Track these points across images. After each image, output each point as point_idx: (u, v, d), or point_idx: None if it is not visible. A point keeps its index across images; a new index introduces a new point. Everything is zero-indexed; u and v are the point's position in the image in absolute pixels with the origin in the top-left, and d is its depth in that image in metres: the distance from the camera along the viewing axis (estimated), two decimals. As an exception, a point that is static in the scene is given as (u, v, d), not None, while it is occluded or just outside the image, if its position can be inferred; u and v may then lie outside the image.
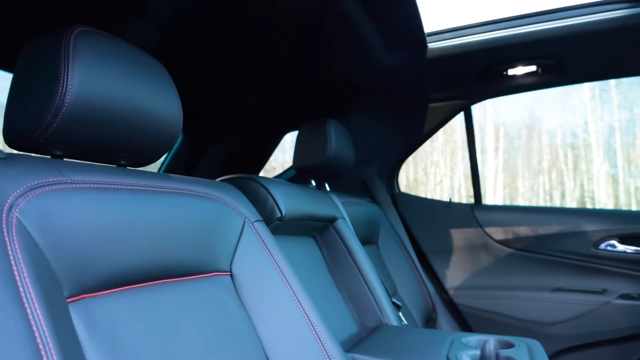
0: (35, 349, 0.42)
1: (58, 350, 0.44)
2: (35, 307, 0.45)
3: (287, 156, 2.77)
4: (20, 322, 0.43)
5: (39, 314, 0.45)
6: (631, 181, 10.32)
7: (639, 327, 1.63)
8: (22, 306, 0.44)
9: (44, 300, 0.46)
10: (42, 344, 0.43)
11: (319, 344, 0.87)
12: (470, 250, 1.90)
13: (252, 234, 0.90)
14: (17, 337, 0.41)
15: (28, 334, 0.42)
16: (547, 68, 1.59)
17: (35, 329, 0.43)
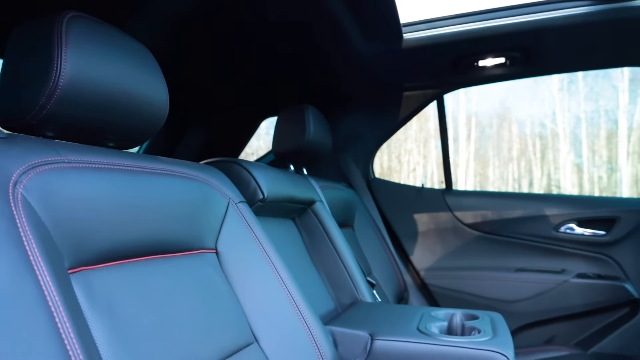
0: (49, 312, 0.46)
1: (67, 314, 0.49)
2: (45, 275, 0.49)
3: (262, 142, 2.80)
4: (35, 288, 0.47)
5: (49, 280, 0.49)
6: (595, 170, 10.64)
7: (592, 303, 1.76)
8: (34, 273, 0.48)
9: (51, 269, 0.50)
10: (54, 307, 0.47)
11: (300, 317, 0.93)
12: (441, 233, 1.99)
13: (236, 214, 0.95)
14: (33, 301, 0.46)
15: (42, 299, 0.47)
16: (515, 60, 1.67)
17: (47, 294, 0.47)
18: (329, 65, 1.68)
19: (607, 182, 9.84)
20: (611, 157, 10.01)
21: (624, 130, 9.24)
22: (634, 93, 8.38)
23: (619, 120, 9.79)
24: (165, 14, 1.24)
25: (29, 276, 0.47)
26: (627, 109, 9.24)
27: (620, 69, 4.48)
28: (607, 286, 1.75)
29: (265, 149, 2.29)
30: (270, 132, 2.59)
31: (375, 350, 0.95)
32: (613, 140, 9.92)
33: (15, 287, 0.45)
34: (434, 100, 1.99)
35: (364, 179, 2.09)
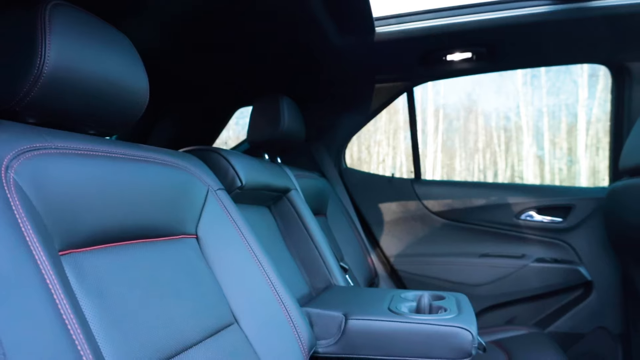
0: (47, 290, 0.49)
1: (64, 293, 0.51)
2: (41, 255, 0.51)
3: (231, 132, 2.81)
4: (32, 267, 0.49)
5: (45, 260, 0.51)
6: (555, 162, 11.06)
7: (549, 286, 1.88)
8: (31, 253, 0.50)
9: (46, 250, 0.53)
10: (52, 285, 0.50)
11: (278, 299, 0.97)
12: (410, 221, 2.07)
13: (215, 201, 0.98)
14: (32, 279, 0.48)
15: (40, 277, 0.49)
16: (480, 55, 1.75)
17: (45, 273, 0.50)
18: (303, 57, 1.71)
19: (567, 174, 10.27)
20: (571, 150, 10.45)
21: (583, 124, 9.66)
22: (593, 88, 8.75)
23: (578, 114, 10.21)
24: (141, 4, 1.24)
25: (26, 256, 0.49)
26: (586, 104, 9.65)
27: (580, 65, 4.69)
28: (563, 269, 1.87)
29: (235, 139, 2.31)
30: (240, 122, 2.61)
31: (349, 329, 1.00)
32: (573, 134, 10.35)
33: (15, 265, 0.47)
34: (404, 93, 2.05)
35: (336, 169, 2.14)
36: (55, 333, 0.47)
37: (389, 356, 0.97)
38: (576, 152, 10.24)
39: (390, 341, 0.97)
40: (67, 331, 0.48)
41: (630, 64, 1.72)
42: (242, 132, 3.11)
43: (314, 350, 1.00)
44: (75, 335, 0.49)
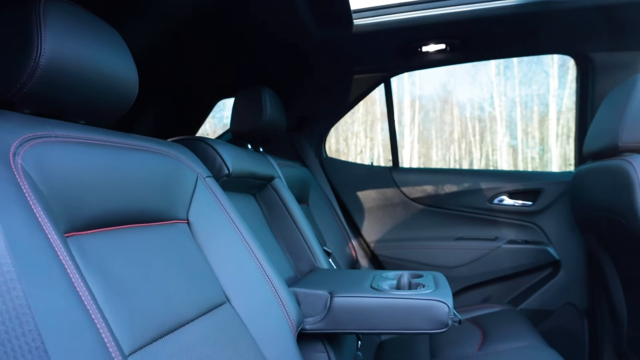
0: (62, 266, 0.53)
1: (75, 269, 0.55)
2: (53, 234, 0.55)
3: (207, 126, 2.83)
4: (47, 244, 0.53)
5: (57, 238, 0.55)
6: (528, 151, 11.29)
7: (521, 266, 1.98)
8: (45, 233, 0.54)
9: (56, 230, 0.57)
10: (64, 262, 0.54)
11: (267, 280, 1.02)
12: (389, 208, 2.14)
13: (204, 188, 1.02)
14: (48, 255, 0.52)
15: (54, 254, 0.53)
16: (454, 46, 1.82)
17: (57, 251, 0.54)
18: (283, 49, 1.75)
19: (539, 163, 10.57)
20: (543, 139, 10.74)
21: (554, 114, 9.94)
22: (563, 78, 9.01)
23: (549, 104, 10.50)
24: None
25: (41, 235, 0.53)
26: (556, 94, 9.93)
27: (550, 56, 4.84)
28: (533, 250, 1.97)
29: (211, 132, 2.34)
30: (216, 115, 2.63)
31: (335, 306, 1.06)
32: (544, 123, 10.64)
33: (33, 243, 0.51)
34: (382, 83, 2.11)
35: (317, 158, 2.19)
36: (72, 304, 0.51)
37: (372, 330, 1.04)
38: (548, 141, 10.53)
39: (373, 316, 1.04)
40: (82, 302, 0.53)
41: (593, 55, 1.82)
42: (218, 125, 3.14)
43: (301, 327, 1.05)
44: (90, 306, 0.53)
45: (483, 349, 1.41)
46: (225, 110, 2.40)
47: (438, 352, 1.47)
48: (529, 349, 1.33)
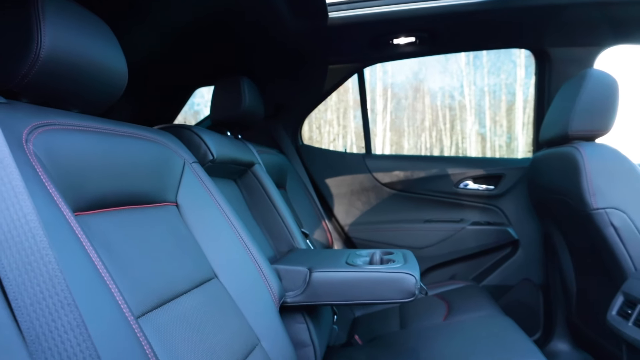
0: (78, 240, 0.60)
1: (89, 243, 0.63)
2: (68, 212, 0.62)
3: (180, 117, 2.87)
4: (65, 221, 0.60)
5: (71, 216, 0.62)
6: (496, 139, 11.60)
7: (483, 245, 2.13)
8: (61, 211, 0.61)
9: (69, 209, 0.64)
10: (80, 236, 0.61)
11: (251, 257, 1.11)
12: (362, 192, 2.25)
13: (191, 173, 1.09)
14: (67, 230, 0.59)
15: (72, 231, 0.60)
16: (423, 39, 1.92)
17: (74, 227, 0.61)
18: (261, 40, 1.81)
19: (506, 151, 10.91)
20: (510, 127, 11.08)
21: (520, 103, 10.27)
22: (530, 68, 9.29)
23: (516, 93, 10.82)
24: None
25: (59, 212, 0.60)
26: (523, 83, 10.25)
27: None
28: (494, 231, 2.12)
29: (181, 118, 2.39)
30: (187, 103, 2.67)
31: (313, 280, 1.16)
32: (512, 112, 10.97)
33: (53, 219, 0.58)
34: (355, 74, 2.20)
35: (293, 145, 2.27)
36: (92, 271, 0.59)
37: (348, 301, 1.14)
38: (514, 129, 10.88)
39: (348, 288, 1.14)
40: (98, 271, 0.60)
41: (550, 49, 1.96)
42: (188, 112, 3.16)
43: (283, 300, 1.15)
44: (104, 275, 0.61)
45: (448, 320, 1.54)
46: (196, 97, 2.44)
47: (407, 324, 1.60)
48: (487, 317, 1.47)
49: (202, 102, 2.94)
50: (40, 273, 0.49)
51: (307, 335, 1.20)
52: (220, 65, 2.03)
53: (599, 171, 1.37)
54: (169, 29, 1.64)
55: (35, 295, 0.48)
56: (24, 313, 0.47)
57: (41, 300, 0.48)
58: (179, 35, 1.70)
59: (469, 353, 1.21)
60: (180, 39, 1.74)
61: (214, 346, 0.84)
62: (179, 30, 1.66)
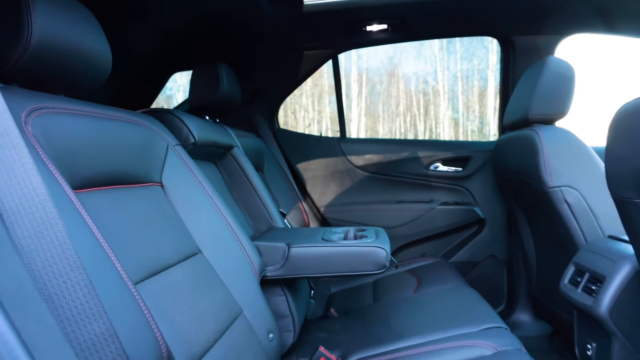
0: (80, 214, 0.66)
1: (88, 217, 0.68)
2: (68, 190, 0.68)
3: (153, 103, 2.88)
4: (68, 198, 0.66)
5: (72, 193, 0.68)
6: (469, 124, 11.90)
7: (452, 224, 2.25)
8: (63, 189, 0.66)
9: (69, 187, 0.69)
10: (82, 212, 0.67)
11: (233, 234, 1.18)
12: (337, 175, 2.34)
13: (174, 155, 1.14)
14: (71, 206, 0.65)
15: (75, 207, 0.66)
16: (395, 27, 2.00)
17: (75, 203, 0.67)
18: (237, 25, 1.85)
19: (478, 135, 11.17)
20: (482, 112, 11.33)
21: (492, 88, 10.50)
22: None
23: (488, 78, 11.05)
24: None
25: (61, 190, 0.66)
26: (495, 69, 10.48)
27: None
28: (462, 210, 2.24)
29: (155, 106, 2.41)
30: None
31: (292, 255, 1.24)
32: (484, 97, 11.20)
33: (57, 195, 0.64)
34: (330, 60, 2.27)
35: (269, 129, 2.33)
36: (95, 241, 0.65)
37: (324, 273, 1.23)
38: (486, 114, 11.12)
39: (325, 262, 1.22)
40: (100, 242, 0.66)
41: (515, 37, 2.06)
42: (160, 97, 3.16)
43: (263, 274, 1.22)
44: (105, 246, 0.67)
45: (417, 292, 1.65)
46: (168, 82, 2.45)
47: (380, 297, 1.70)
48: (454, 289, 1.59)
49: (175, 86, 2.95)
50: (50, 240, 0.55)
51: (287, 307, 1.28)
52: (196, 50, 2.06)
53: (555, 152, 1.48)
54: (149, 17, 1.66)
55: (47, 260, 0.54)
56: (37, 275, 0.53)
57: (52, 264, 0.54)
58: (157, 22, 1.72)
59: (437, 321, 1.31)
60: (158, 25, 1.76)
61: (202, 313, 0.91)
62: (158, 18, 1.69)
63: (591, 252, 1.32)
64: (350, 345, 1.24)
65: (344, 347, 1.24)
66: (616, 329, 1.16)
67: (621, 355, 1.17)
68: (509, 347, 1.08)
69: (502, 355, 1.04)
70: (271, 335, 1.12)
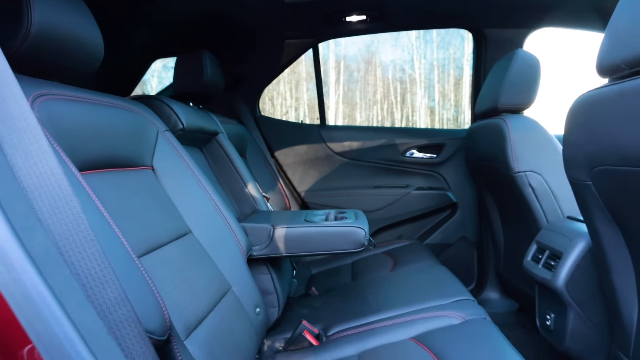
0: (89, 194, 0.72)
1: (93, 196, 0.74)
2: (75, 171, 0.73)
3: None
4: (76, 179, 0.71)
5: (79, 174, 0.73)
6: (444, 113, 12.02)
7: (427, 208, 2.36)
8: (71, 170, 0.72)
9: (75, 167, 0.75)
10: (89, 191, 0.73)
11: (221, 215, 1.24)
12: (317, 161, 2.41)
13: (164, 140, 1.20)
14: (81, 187, 0.71)
15: (83, 187, 0.72)
16: (373, 17, 2.07)
17: (83, 183, 0.72)
18: (220, 14, 1.89)
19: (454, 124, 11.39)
20: (458, 101, 11.53)
21: (468, 77, 10.69)
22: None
23: (464, 67, 11.23)
24: None
25: (69, 171, 0.71)
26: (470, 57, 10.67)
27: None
28: (436, 195, 2.36)
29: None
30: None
31: (276, 235, 1.32)
32: (459, 86, 11.40)
33: (68, 176, 0.69)
34: (311, 49, 2.32)
35: (251, 116, 2.38)
36: (102, 218, 0.71)
37: (307, 252, 1.31)
38: (462, 102, 11.33)
39: (307, 241, 1.31)
40: (106, 219, 0.72)
41: (487, 30, 2.16)
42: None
43: (249, 253, 1.30)
44: (110, 222, 0.73)
45: (393, 271, 1.76)
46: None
47: (358, 277, 1.80)
48: (427, 267, 1.69)
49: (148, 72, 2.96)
50: (67, 215, 0.61)
51: (271, 284, 1.36)
52: (178, 37, 2.09)
53: (521, 140, 1.59)
54: (132, 6, 1.69)
55: (64, 233, 0.60)
56: (58, 245, 0.59)
57: (69, 236, 0.60)
58: (140, 12, 1.75)
59: (411, 296, 1.41)
60: (141, 15, 1.78)
61: (195, 288, 0.98)
62: (142, 8, 1.71)
63: (551, 231, 1.44)
64: (331, 320, 1.33)
65: (325, 321, 1.33)
66: (571, 300, 1.29)
67: (575, 323, 1.30)
68: (476, 317, 1.19)
69: (469, 324, 1.15)
70: (258, 309, 1.20)
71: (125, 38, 1.99)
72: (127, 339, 0.61)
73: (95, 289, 0.59)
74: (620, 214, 0.98)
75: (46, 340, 0.46)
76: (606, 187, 0.97)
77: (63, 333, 0.46)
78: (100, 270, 0.61)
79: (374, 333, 1.18)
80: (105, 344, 0.52)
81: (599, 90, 0.93)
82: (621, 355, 1.10)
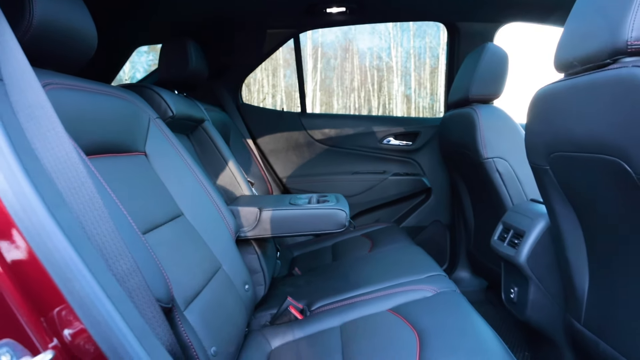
0: (96, 177, 0.79)
1: (102, 179, 0.81)
2: (82, 153, 0.80)
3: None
4: (85, 163, 0.78)
5: (86, 159, 0.80)
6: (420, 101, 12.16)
7: (403, 193, 2.47)
8: (78, 152, 0.78)
9: (82, 152, 0.81)
10: (97, 174, 0.79)
11: (211, 199, 1.32)
12: (298, 148, 2.49)
13: (155, 127, 1.26)
14: (90, 170, 0.77)
15: (91, 170, 0.78)
16: (352, 10, 2.14)
17: (92, 167, 0.79)
18: (203, 5, 1.93)
19: (430, 112, 11.58)
20: (433, 90, 11.73)
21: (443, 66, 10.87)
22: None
23: (440, 56, 11.41)
24: None
25: (77, 154, 0.78)
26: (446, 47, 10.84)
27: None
28: (411, 180, 2.47)
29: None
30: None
31: (263, 218, 1.40)
32: (435, 75, 11.58)
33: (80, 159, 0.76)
34: (292, 38, 2.39)
35: (234, 104, 2.44)
36: (111, 198, 0.78)
37: (292, 233, 1.40)
38: (437, 91, 11.52)
39: (292, 223, 1.39)
40: (114, 199, 0.79)
41: (460, 24, 2.27)
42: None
43: (238, 234, 1.38)
44: (118, 203, 0.80)
45: (372, 252, 1.86)
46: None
47: (338, 257, 1.90)
48: (403, 248, 1.81)
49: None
50: (82, 195, 0.68)
51: (258, 263, 1.45)
52: (161, 26, 2.12)
53: (489, 128, 1.71)
54: None
55: (81, 210, 0.67)
56: (79, 222, 0.66)
57: (85, 214, 0.68)
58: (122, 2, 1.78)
59: (388, 273, 1.52)
60: (125, 2, 1.81)
61: (190, 264, 1.06)
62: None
63: (515, 212, 1.56)
64: (314, 296, 1.43)
65: (308, 298, 1.43)
66: (532, 274, 1.42)
67: (535, 295, 1.43)
68: (447, 289, 1.30)
69: (441, 295, 1.27)
70: (247, 286, 1.29)
71: (109, 26, 2.01)
72: (140, 304, 0.69)
73: (111, 260, 0.67)
74: (572, 195, 1.10)
75: (79, 299, 0.54)
76: (561, 171, 1.08)
77: (94, 293, 0.54)
78: (114, 245, 0.69)
79: (354, 306, 1.29)
80: (127, 307, 0.60)
81: (555, 85, 1.03)
82: (574, 321, 1.23)
